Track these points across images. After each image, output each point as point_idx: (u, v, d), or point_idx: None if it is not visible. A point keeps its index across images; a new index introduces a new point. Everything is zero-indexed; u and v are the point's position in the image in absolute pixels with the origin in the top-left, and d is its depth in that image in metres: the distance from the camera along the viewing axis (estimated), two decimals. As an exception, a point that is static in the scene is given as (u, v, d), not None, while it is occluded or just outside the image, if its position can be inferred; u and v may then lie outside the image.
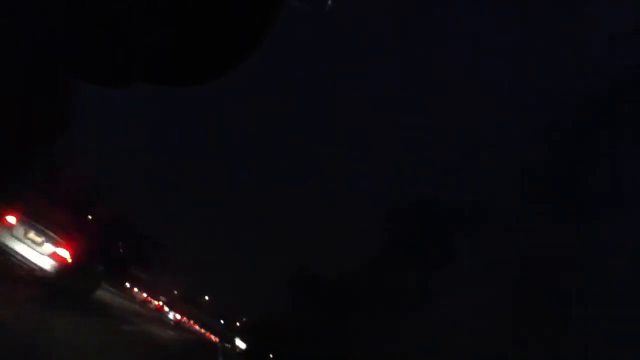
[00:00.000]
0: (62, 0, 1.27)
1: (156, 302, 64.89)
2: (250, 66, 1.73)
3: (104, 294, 21.55)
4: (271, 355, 54.77)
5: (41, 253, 10.80)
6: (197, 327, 74.13)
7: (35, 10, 1.27)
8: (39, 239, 10.89)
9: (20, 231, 10.75)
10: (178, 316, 58.48)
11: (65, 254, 11.13)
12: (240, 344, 67.36)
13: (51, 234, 10.98)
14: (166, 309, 60.40)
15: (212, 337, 72.85)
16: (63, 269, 11.09)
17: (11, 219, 10.76)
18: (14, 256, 10.58)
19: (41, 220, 11.14)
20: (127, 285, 51.14)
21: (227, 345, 70.51)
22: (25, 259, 10.64)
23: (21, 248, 10.68)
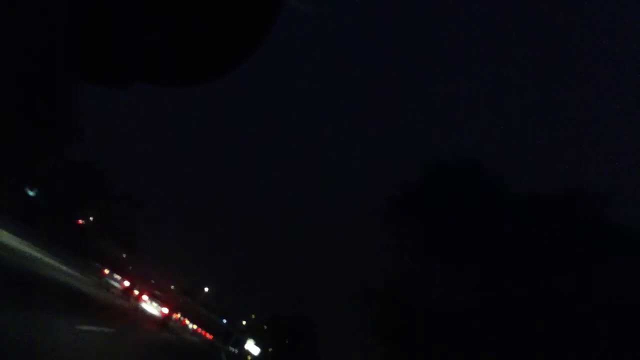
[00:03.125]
0: (62, 2, 1.31)
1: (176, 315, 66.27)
2: (251, 66, 1.74)
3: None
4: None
5: (156, 310, 30.79)
6: (203, 332, 70.59)
7: (35, 12, 1.32)
8: (155, 304, 31.28)
9: (149, 301, 31.17)
10: (195, 326, 69.34)
11: (165, 310, 30.77)
12: (252, 348, 54.10)
13: (160, 301, 31.91)
14: (187, 322, 66.21)
15: (207, 334, 64.50)
16: (164, 315, 30.87)
17: (146, 297, 31.24)
18: (147, 311, 30.11)
19: (156, 295, 32.82)
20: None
21: (232, 349, 56.91)
22: (151, 312, 30.27)
23: (149, 308, 30.82)
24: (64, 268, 25.19)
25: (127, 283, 33.92)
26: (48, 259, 24.28)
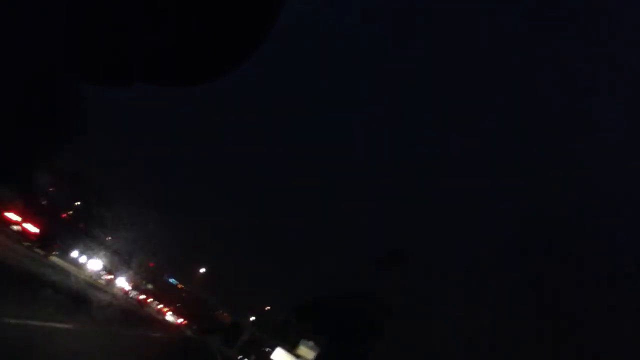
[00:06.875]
0: (62, 2, 1.31)
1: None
2: (249, 66, 1.74)
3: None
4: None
5: (174, 319, 38.93)
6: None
7: (35, 12, 1.32)
8: (174, 316, 40.00)
9: (170, 314, 39.23)
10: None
11: (179, 320, 40.17)
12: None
13: (178, 315, 40.36)
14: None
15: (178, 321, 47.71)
16: (180, 323, 39.97)
17: (169, 312, 38.47)
18: (168, 320, 37.72)
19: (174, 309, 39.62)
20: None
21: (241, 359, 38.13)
22: (171, 321, 38.31)
23: (170, 318, 38.81)
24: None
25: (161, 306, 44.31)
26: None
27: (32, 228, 23.40)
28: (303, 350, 29.10)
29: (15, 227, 22.80)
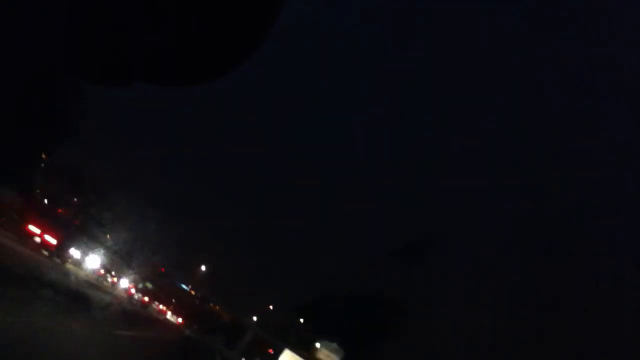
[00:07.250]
0: (62, 2, 1.31)
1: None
2: (249, 66, 1.73)
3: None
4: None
5: (176, 320, 42.94)
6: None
7: (35, 12, 1.32)
8: (175, 317, 43.91)
9: (171, 316, 42.71)
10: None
11: (179, 320, 43.50)
12: None
13: (177, 315, 43.62)
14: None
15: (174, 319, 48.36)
16: (180, 323, 43.29)
17: (169, 313, 41.72)
18: (172, 321, 41.67)
19: (176, 311, 43.09)
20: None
21: None
22: (173, 322, 42.16)
23: (171, 317, 43.35)
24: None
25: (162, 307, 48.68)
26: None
27: (51, 240, 25.61)
28: (324, 352, 24.96)
29: (37, 239, 24.69)
